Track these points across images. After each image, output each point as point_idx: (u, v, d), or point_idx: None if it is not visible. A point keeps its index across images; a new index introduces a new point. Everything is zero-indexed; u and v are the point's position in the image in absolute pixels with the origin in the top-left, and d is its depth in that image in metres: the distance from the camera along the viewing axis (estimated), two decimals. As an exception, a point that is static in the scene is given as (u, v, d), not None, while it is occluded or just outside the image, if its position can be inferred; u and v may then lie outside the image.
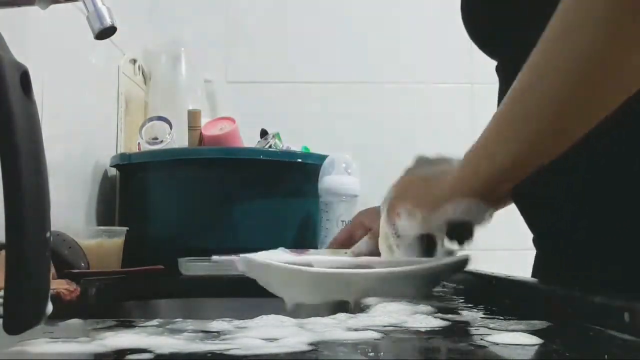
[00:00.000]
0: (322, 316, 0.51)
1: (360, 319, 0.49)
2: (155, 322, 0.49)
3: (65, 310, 0.62)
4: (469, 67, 1.66)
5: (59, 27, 1.02)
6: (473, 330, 0.46)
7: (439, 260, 0.67)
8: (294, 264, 0.66)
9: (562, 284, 0.52)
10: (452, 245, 0.65)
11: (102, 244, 1.00)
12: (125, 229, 1.06)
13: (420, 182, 0.68)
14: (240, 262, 0.69)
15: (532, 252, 0.72)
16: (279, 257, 0.72)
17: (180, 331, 0.44)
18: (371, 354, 0.38)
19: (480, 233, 0.63)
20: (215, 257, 0.78)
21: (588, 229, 0.60)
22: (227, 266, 0.72)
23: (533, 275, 0.71)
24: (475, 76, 1.66)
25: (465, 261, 0.67)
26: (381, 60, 1.72)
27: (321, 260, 0.70)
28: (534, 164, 0.56)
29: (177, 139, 1.32)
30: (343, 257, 0.74)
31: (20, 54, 0.36)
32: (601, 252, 0.59)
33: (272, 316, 0.50)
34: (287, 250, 0.75)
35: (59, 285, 0.68)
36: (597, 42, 0.47)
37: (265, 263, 0.66)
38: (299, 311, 0.96)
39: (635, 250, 0.56)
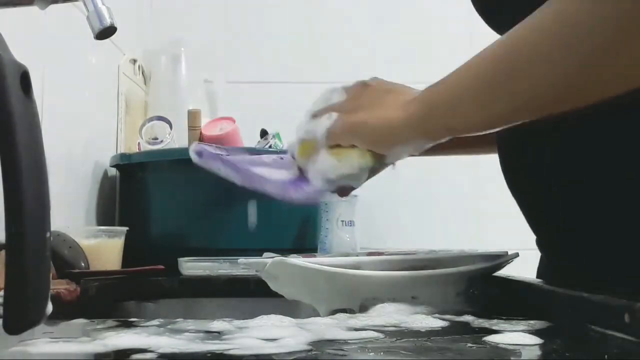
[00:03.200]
0: (322, 316, 0.51)
1: (360, 319, 0.49)
2: (156, 322, 0.49)
3: (65, 310, 0.62)
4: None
5: (59, 27, 1.02)
6: (473, 330, 0.46)
7: (492, 258, 0.66)
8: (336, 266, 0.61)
9: (562, 284, 0.52)
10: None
11: (102, 244, 1.00)
12: (125, 229, 1.06)
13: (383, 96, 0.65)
14: (274, 265, 0.62)
15: (535, 252, 0.72)
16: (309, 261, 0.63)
17: (181, 331, 0.44)
18: (371, 354, 0.38)
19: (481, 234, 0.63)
20: (241, 260, 0.76)
21: (591, 233, 0.60)
22: (257, 268, 0.67)
23: (538, 278, 0.71)
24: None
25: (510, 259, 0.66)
26: (381, 60, 1.72)
27: (357, 261, 0.63)
28: (509, 122, 0.53)
29: (177, 139, 1.32)
30: (369, 258, 0.66)
31: (20, 54, 0.36)
32: (605, 254, 0.59)
33: (272, 316, 0.50)
34: (298, 256, 0.68)
35: (59, 285, 0.68)
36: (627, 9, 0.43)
37: (327, 270, 0.59)
38: (298, 311, 0.96)
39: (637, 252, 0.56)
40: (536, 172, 0.63)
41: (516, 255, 0.67)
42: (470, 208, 1.67)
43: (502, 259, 0.66)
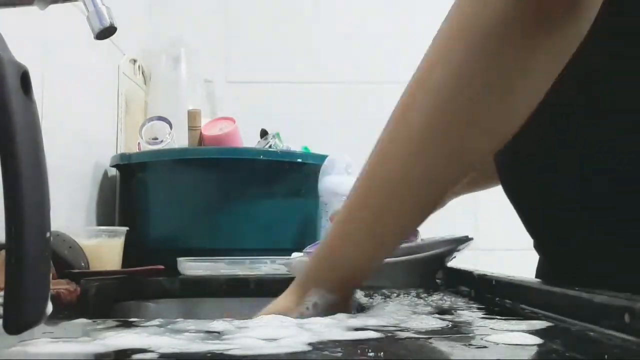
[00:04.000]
0: (322, 316, 0.51)
1: (360, 319, 0.49)
2: (156, 322, 0.49)
3: (65, 310, 0.62)
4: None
5: (59, 27, 1.02)
6: (473, 330, 0.46)
7: (441, 245, 0.74)
8: None
9: (562, 284, 0.52)
10: None
11: (102, 244, 1.00)
12: (125, 229, 1.06)
13: None
14: (298, 263, 0.82)
15: (534, 252, 0.72)
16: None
17: (181, 331, 0.44)
18: (371, 354, 0.38)
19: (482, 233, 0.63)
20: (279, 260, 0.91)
21: (588, 234, 0.60)
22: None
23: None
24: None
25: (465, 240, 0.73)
26: (381, 60, 1.72)
27: None
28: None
29: (177, 139, 1.32)
30: None
31: (20, 54, 0.36)
32: (601, 257, 0.59)
33: (272, 316, 0.50)
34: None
35: (59, 285, 0.68)
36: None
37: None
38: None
39: (636, 255, 0.56)
40: (532, 174, 0.63)
41: (468, 238, 0.76)
42: (470, 208, 1.67)
43: (453, 244, 0.77)
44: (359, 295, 0.68)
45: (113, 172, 1.34)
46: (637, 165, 0.55)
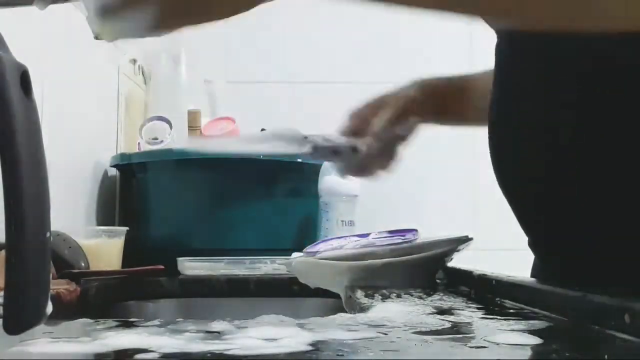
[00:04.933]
0: (322, 316, 0.51)
1: (360, 319, 0.49)
2: (156, 322, 0.49)
3: (65, 310, 0.62)
4: (468, 67, 1.66)
5: (59, 27, 1.02)
6: (473, 330, 0.46)
7: (442, 245, 0.76)
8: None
9: (562, 284, 0.52)
10: None
11: (102, 244, 1.00)
12: (125, 229, 1.06)
13: None
14: (298, 263, 0.83)
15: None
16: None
17: (181, 331, 0.44)
18: (371, 353, 0.38)
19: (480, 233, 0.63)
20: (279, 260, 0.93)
21: (583, 235, 0.60)
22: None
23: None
24: (475, 76, 1.66)
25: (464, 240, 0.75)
26: (381, 60, 1.72)
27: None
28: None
29: (177, 139, 1.32)
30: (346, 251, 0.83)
31: (20, 54, 0.36)
32: (596, 259, 0.58)
33: (272, 316, 0.50)
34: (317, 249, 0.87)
35: (59, 285, 0.68)
36: None
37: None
38: (298, 311, 0.96)
39: (632, 255, 0.56)
40: (526, 168, 0.63)
41: (468, 238, 0.77)
42: (470, 208, 1.67)
43: (453, 244, 0.78)
44: (359, 295, 0.68)
45: (113, 172, 1.34)
46: (638, 165, 0.55)
